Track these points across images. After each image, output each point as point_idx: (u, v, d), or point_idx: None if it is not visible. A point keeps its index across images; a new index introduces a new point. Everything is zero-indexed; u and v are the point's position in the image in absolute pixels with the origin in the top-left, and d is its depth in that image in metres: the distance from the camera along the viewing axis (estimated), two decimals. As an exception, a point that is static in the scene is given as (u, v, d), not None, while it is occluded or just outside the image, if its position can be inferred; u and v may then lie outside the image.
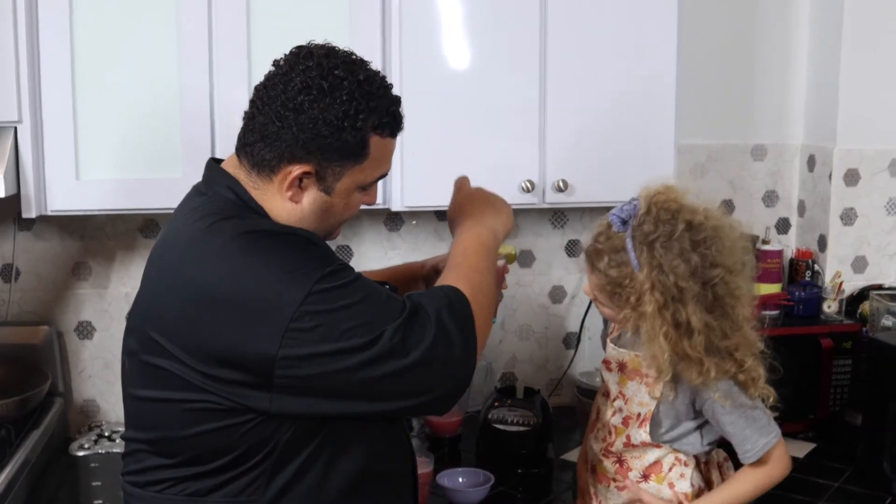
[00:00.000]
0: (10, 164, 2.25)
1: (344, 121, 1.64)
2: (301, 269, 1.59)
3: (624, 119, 2.57)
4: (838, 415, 2.79)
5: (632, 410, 1.99)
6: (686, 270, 1.85)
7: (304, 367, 1.56)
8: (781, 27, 3.12)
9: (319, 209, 1.72)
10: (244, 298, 1.57)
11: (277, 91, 1.66)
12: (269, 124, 1.66)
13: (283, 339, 1.54)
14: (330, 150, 1.66)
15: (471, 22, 2.49)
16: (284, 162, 1.67)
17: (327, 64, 1.66)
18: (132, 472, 1.73)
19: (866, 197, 3.03)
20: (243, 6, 2.37)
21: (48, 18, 2.30)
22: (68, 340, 2.81)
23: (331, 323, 1.56)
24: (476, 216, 1.94)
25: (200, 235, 1.65)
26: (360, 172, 1.71)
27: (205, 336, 1.58)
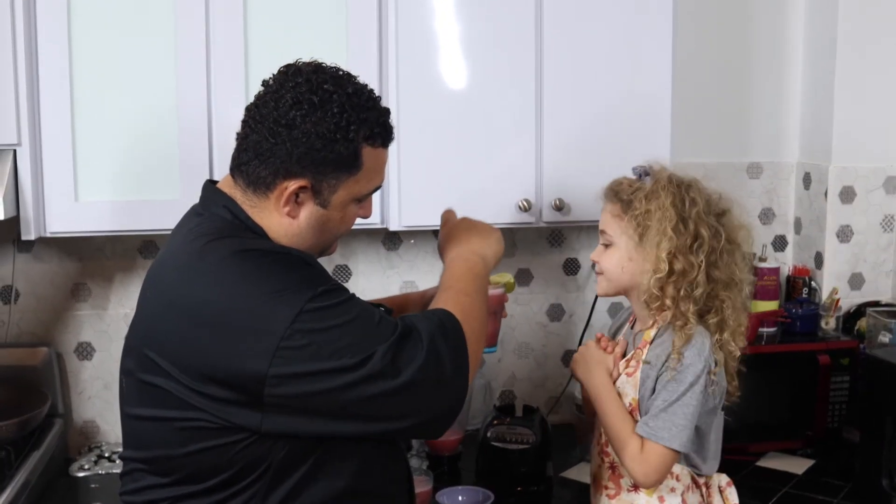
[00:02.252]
0: (9, 187, 2.26)
1: (336, 133, 1.67)
2: (292, 288, 1.60)
3: (620, 138, 2.58)
4: (836, 431, 2.79)
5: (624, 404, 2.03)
6: (703, 204, 2.01)
7: (294, 386, 1.57)
8: (776, 46, 3.14)
9: (316, 223, 1.74)
10: (236, 316, 1.58)
11: (269, 109, 1.68)
12: (262, 142, 1.68)
13: (274, 358, 1.55)
14: (324, 163, 1.68)
15: (467, 41, 2.51)
16: (280, 178, 1.68)
17: (316, 79, 1.69)
18: (129, 492, 1.74)
19: (862, 214, 3.05)
20: (240, 28, 2.38)
21: (47, 42, 2.31)
22: (68, 361, 2.81)
23: (322, 342, 1.57)
24: (463, 243, 1.96)
25: (196, 255, 1.67)
26: (354, 184, 1.73)
27: (197, 354, 1.59)
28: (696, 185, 2.04)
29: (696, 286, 1.96)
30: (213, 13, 2.37)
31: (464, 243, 1.96)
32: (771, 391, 2.79)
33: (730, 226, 2.03)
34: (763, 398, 2.77)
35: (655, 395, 1.96)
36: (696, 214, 1.98)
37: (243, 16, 2.38)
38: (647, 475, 1.94)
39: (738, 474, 2.63)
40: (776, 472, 2.68)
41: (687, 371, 1.94)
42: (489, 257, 1.96)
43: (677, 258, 1.96)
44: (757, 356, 2.72)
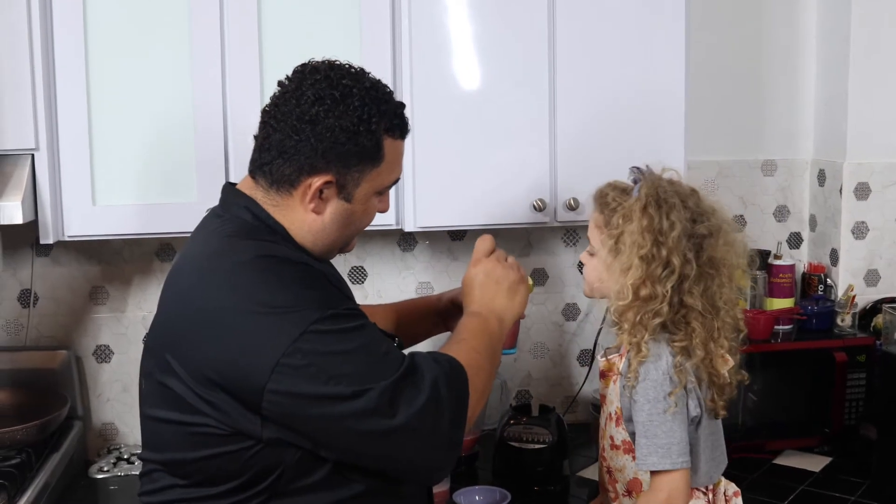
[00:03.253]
0: (27, 191, 2.28)
1: (359, 125, 1.69)
2: (303, 306, 1.59)
3: (633, 136, 2.58)
4: (853, 429, 2.78)
5: (610, 411, 2.03)
6: (680, 230, 1.91)
7: (289, 404, 1.57)
8: (790, 43, 3.14)
9: (341, 218, 1.75)
10: (243, 325, 1.59)
11: (290, 106, 1.70)
12: (285, 140, 1.69)
13: (273, 373, 1.55)
14: (348, 156, 1.70)
15: (480, 41, 2.51)
16: (304, 174, 1.70)
17: (334, 75, 1.71)
18: (148, 493, 1.75)
19: (877, 210, 3.04)
20: (254, 30, 2.39)
21: (63, 47, 2.33)
22: (86, 364, 2.83)
23: (321, 365, 1.56)
24: (487, 299, 1.93)
25: (214, 257, 1.69)
26: (377, 176, 1.75)
27: (204, 358, 1.60)
28: (680, 204, 1.94)
29: (656, 315, 1.90)
30: (228, 17, 2.38)
31: (488, 299, 1.93)
32: (787, 389, 2.79)
33: (714, 249, 1.94)
34: (779, 396, 2.76)
35: (633, 420, 1.93)
36: (672, 240, 1.90)
37: (257, 18, 2.39)
38: (668, 502, 1.89)
39: (754, 472, 2.64)
40: (793, 469, 2.68)
41: (646, 389, 1.90)
42: (508, 319, 1.94)
43: (644, 285, 1.91)
44: (772, 354, 2.75)
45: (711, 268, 1.94)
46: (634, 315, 1.92)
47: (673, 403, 1.89)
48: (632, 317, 1.92)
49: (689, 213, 1.94)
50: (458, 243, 2.99)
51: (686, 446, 1.90)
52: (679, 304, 1.92)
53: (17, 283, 2.78)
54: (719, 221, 1.98)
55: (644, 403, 1.90)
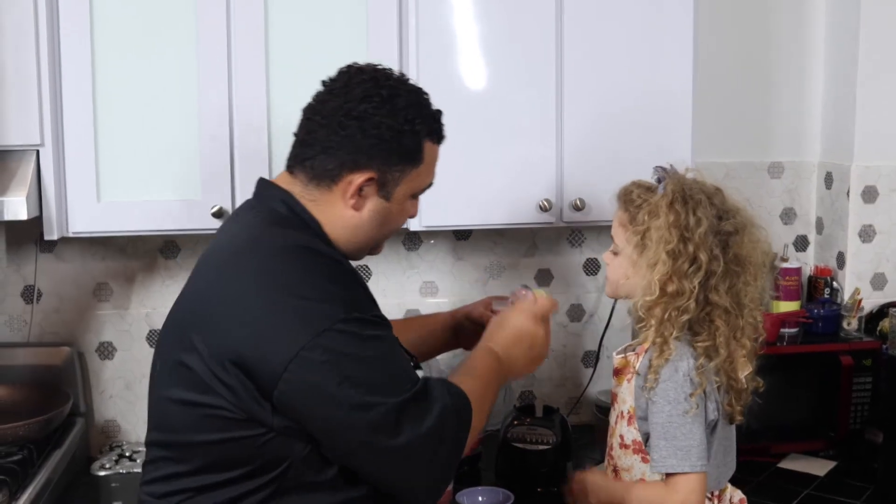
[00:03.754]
0: (32, 187, 2.28)
1: (404, 125, 1.74)
2: (331, 302, 1.61)
3: (640, 137, 2.57)
4: (859, 433, 2.77)
5: (622, 410, 2.03)
6: (707, 226, 1.92)
7: (299, 398, 1.59)
8: (797, 45, 3.13)
9: (378, 216, 1.78)
10: (271, 311, 1.61)
11: (338, 103, 1.74)
12: (331, 135, 1.73)
13: (290, 363, 1.57)
14: (391, 155, 1.74)
15: (487, 41, 2.51)
16: (346, 170, 1.73)
17: (380, 77, 1.77)
18: (150, 482, 1.75)
19: (884, 213, 3.03)
20: (261, 29, 2.39)
21: (70, 44, 2.33)
22: (89, 361, 2.83)
23: (337, 365, 1.58)
24: (513, 352, 1.95)
25: (252, 242, 1.71)
26: (416, 178, 1.80)
27: (227, 338, 1.61)
28: (707, 201, 1.95)
29: (684, 311, 1.91)
30: (234, 17, 2.38)
31: (514, 352, 1.95)
32: (793, 392, 2.78)
33: (740, 246, 1.95)
34: (785, 399, 2.75)
35: (650, 423, 1.93)
36: (699, 236, 1.91)
37: (264, 16, 2.39)
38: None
39: (759, 476, 2.63)
40: (798, 473, 2.67)
41: (667, 390, 1.90)
42: (516, 373, 1.99)
43: (671, 281, 1.91)
44: (778, 357, 2.73)
45: (737, 265, 1.95)
46: (662, 312, 1.92)
47: (694, 405, 1.89)
48: (659, 313, 1.93)
49: (714, 210, 1.96)
50: (464, 243, 2.98)
51: (705, 450, 1.90)
52: (705, 301, 1.93)
53: (21, 278, 2.77)
54: (744, 219, 1.99)
55: (664, 405, 1.90)
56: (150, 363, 2.80)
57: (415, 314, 2.96)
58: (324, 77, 2.20)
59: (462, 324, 2.27)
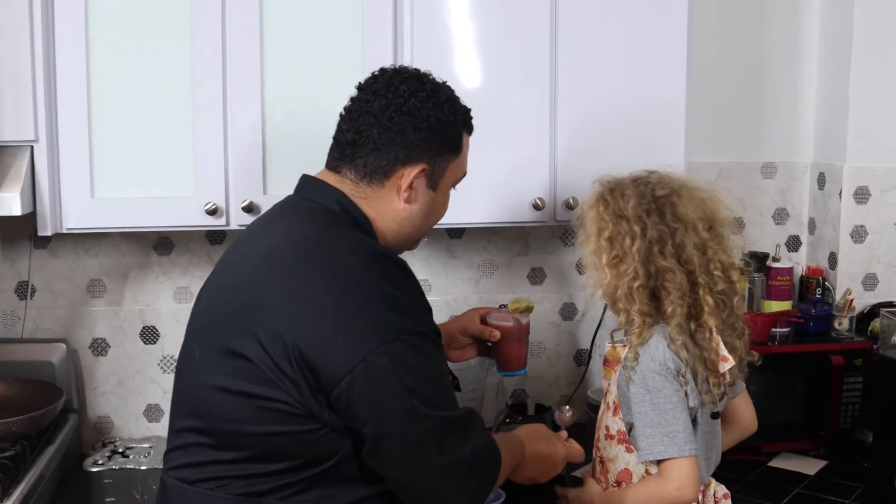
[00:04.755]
0: (26, 183, 2.28)
1: (450, 116, 1.84)
2: (402, 313, 1.66)
3: (634, 136, 2.58)
4: (849, 432, 2.79)
5: (609, 401, 2.05)
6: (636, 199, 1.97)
7: (356, 400, 1.61)
8: (791, 45, 3.14)
9: (427, 207, 1.87)
10: (346, 312, 1.63)
11: (386, 101, 1.81)
12: (383, 132, 1.80)
13: (357, 366, 1.59)
14: (440, 145, 1.83)
15: (482, 40, 2.51)
16: (399, 164, 1.81)
17: (420, 74, 1.87)
18: (181, 467, 1.74)
19: (876, 214, 3.04)
20: (256, 27, 2.39)
21: (64, 39, 2.32)
22: (83, 357, 2.83)
23: (402, 375, 1.62)
24: (536, 459, 2.02)
25: (322, 239, 1.74)
26: (456, 168, 1.91)
27: (299, 335, 1.62)
28: (630, 181, 2.01)
29: (634, 279, 1.93)
30: (230, 14, 2.37)
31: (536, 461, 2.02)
32: (784, 391, 2.79)
33: (678, 206, 1.96)
34: (776, 398, 2.76)
35: (633, 411, 1.94)
36: (630, 210, 1.96)
37: (259, 13, 2.39)
38: (679, 490, 1.89)
39: (750, 474, 2.64)
40: (788, 472, 2.68)
41: (645, 378, 1.92)
42: (520, 476, 2.02)
43: (619, 260, 1.96)
44: (769, 356, 2.72)
45: (678, 222, 1.95)
46: (620, 290, 1.96)
47: (677, 387, 1.90)
48: (620, 294, 1.96)
49: (642, 185, 2.00)
50: (457, 241, 2.99)
51: (692, 433, 1.91)
52: (656, 271, 1.94)
53: (15, 274, 2.77)
54: (680, 182, 2.02)
55: (645, 393, 1.91)
56: (143, 360, 2.84)
57: (408, 312, 2.97)
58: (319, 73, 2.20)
59: (455, 339, 2.31)
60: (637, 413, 1.92)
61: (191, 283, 2.83)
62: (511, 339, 2.31)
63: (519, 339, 2.33)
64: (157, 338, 2.84)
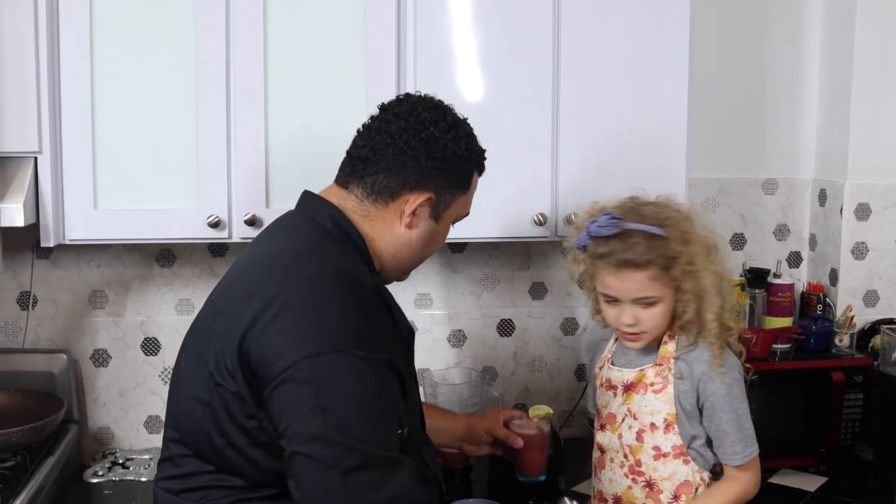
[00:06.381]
0: (29, 194, 2.29)
1: (465, 152, 1.86)
2: (349, 330, 1.61)
3: (635, 152, 2.59)
4: (849, 449, 2.78)
5: (644, 422, 2.05)
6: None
7: (276, 408, 1.59)
8: (793, 62, 3.15)
9: (427, 236, 1.86)
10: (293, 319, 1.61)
11: (407, 124, 1.81)
12: (397, 155, 1.79)
13: (284, 371, 1.57)
14: (451, 179, 1.83)
15: (484, 56, 2.52)
16: (406, 189, 1.80)
17: (443, 105, 1.86)
18: (168, 478, 1.75)
19: (877, 231, 3.04)
20: (260, 40, 2.40)
21: (69, 51, 2.34)
22: (84, 368, 2.83)
23: (321, 390, 1.56)
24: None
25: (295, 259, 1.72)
26: (461, 204, 1.91)
27: (248, 334, 1.62)
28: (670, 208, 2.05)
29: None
30: (233, 30, 2.39)
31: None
32: (784, 408, 2.79)
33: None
34: (776, 414, 2.76)
35: (713, 412, 2.01)
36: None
37: (262, 30, 2.40)
38: (759, 483, 2.08)
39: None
40: (788, 489, 2.68)
41: (730, 384, 2.01)
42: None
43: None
44: (770, 372, 2.74)
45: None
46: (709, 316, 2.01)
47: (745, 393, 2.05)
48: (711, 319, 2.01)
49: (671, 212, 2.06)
50: (458, 255, 2.99)
51: None
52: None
53: (17, 285, 2.78)
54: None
55: (734, 401, 2.00)
56: (143, 371, 2.84)
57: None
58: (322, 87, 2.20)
59: (477, 435, 2.34)
60: (728, 421, 2.01)
61: (192, 295, 2.84)
62: (534, 447, 2.35)
63: (542, 446, 2.37)
64: (159, 349, 2.84)
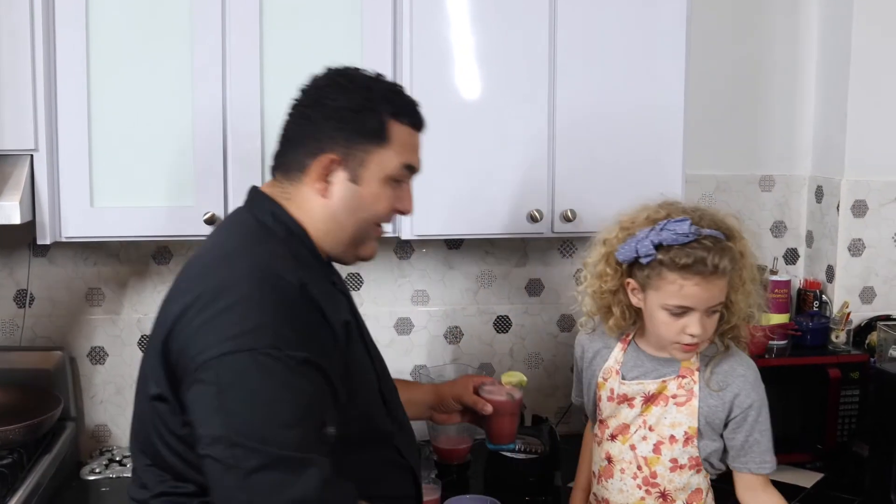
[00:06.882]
0: (25, 192, 2.29)
1: (363, 103, 1.74)
2: (262, 326, 1.55)
3: (632, 149, 2.59)
4: (846, 445, 2.79)
5: (663, 434, 2.05)
6: None
7: (189, 408, 1.57)
8: (790, 59, 3.15)
9: (349, 200, 1.75)
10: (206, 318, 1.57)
11: (303, 94, 1.78)
12: (296, 126, 1.76)
13: (195, 371, 1.54)
14: (352, 133, 1.73)
15: (480, 53, 2.52)
16: (311, 156, 1.74)
17: (346, 69, 1.80)
18: (135, 488, 1.74)
19: (874, 228, 3.05)
20: (256, 38, 2.40)
21: (65, 48, 2.34)
22: (81, 365, 2.83)
23: (226, 390, 1.52)
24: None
25: (225, 257, 1.70)
26: (384, 159, 1.76)
27: (172, 331, 1.61)
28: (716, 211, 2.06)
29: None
30: (230, 26, 2.39)
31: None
32: (780, 404, 2.77)
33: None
34: (772, 411, 2.75)
35: (744, 423, 2.04)
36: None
37: (259, 26, 2.40)
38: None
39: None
40: (785, 485, 2.67)
41: (762, 394, 2.07)
42: None
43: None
44: (767, 369, 2.72)
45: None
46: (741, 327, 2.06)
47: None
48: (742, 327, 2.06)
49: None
50: (455, 252, 2.99)
51: None
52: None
53: (14, 282, 2.78)
54: None
55: (763, 408, 2.06)
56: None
57: (406, 322, 2.98)
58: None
59: (447, 403, 2.25)
60: (762, 430, 2.05)
61: (189, 292, 2.84)
62: (504, 414, 2.25)
63: (511, 413, 2.27)
64: (156, 347, 2.84)
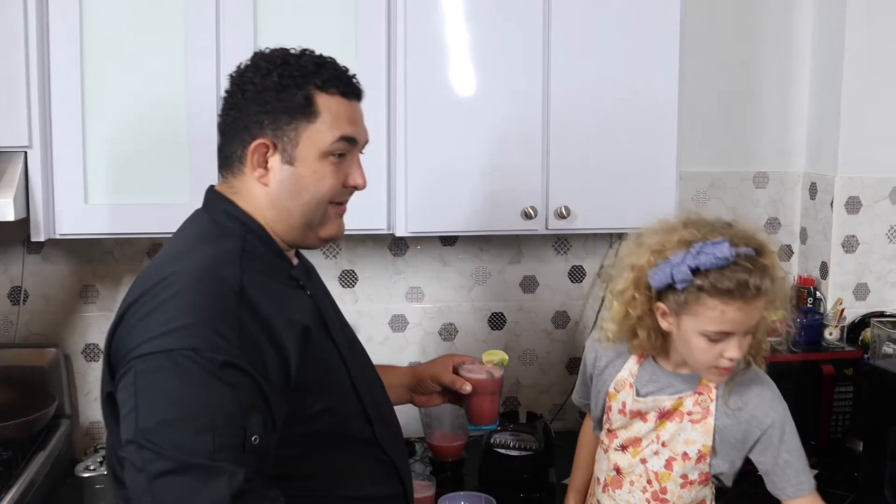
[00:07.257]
0: (19, 189, 2.29)
1: (285, 81, 1.68)
2: (188, 328, 1.52)
3: (626, 146, 2.59)
4: (839, 441, 2.80)
5: (676, 451, 2.03)
6: None
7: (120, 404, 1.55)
8: (784, 56, 3.15)
9: (289, 184, 1.69)
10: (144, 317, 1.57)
11: (228, 88, 1.74)
12: (227, 118, 1.72)
13: (125, 367, 1.54)
14: (277, 113, 1.67)
15: (475, 49, 2.52)
16: (242, 146, 1.70)
17: (270, 52, 1.74)
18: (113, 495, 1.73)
19: (867, 224, 3.05)
20: (250, 33, 2.40)
21: (59, 45, 2.33)
22: (75, 363, 2.83)
23: (142, 391, 1.50)
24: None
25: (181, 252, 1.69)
26: (316, 134, 1.69)
27: (115, 333, 1.62)
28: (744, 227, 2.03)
29: None
30: (224, 18, 2.39)
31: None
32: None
33: None
34: (767, 407, 2.77)
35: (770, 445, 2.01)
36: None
37: (253, 21, 2.40)
38: None
39: (740, 484, 2.62)
40: (779, 481, 2.68)
41: (786, 412, 2.04)
42: None
43: None
44: (761, 366, 2.74)
45: None
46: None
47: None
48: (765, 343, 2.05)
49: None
50: (449, 249, 2.99)
51: None
52: None
53: (8, 279, 2.78)
54: None
55: (786, 426, 2.02)
56: (135, 365, 2.83)
57: (401, 319, 2.98)
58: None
59: (425, 384, 2.19)
60: (790, 450, 2.01)
61: (184, 289, 2.83)
62: (483, 393, 2.17)
63: (492, 392, 2.18)
64: (150, 344, 2.84)
